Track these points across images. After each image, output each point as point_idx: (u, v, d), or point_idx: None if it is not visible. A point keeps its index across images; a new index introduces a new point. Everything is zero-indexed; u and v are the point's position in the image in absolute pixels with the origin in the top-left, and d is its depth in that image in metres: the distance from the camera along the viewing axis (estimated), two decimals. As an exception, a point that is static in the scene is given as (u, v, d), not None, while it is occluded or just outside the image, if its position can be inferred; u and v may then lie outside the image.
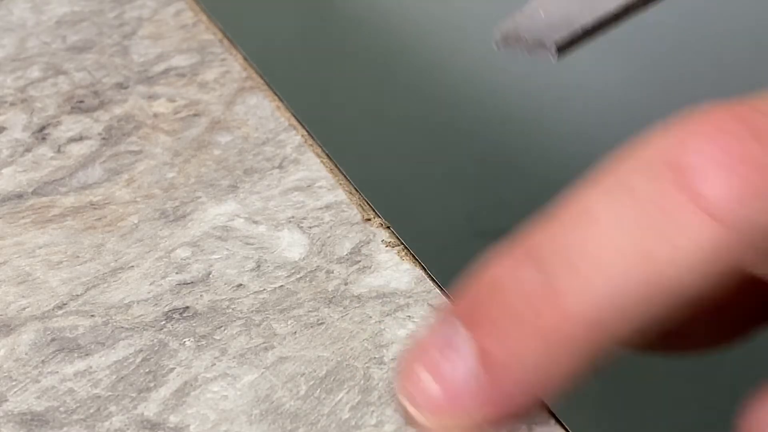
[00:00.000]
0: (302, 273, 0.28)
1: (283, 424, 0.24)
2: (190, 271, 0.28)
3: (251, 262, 0.28)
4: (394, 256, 0.28)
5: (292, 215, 0.30)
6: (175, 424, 0.24)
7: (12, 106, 0.34)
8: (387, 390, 0.25)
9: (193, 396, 0.25)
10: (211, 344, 0.26)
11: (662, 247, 0.18)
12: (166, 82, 0.35)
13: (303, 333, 0.26)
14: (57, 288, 0.27)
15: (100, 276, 0.28)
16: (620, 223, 0.19)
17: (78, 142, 0.32)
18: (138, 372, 0.25)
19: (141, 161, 0.32)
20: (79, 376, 0.25)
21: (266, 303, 0.27)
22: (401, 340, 0.26)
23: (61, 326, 0.26)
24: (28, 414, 0.24)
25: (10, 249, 0.29)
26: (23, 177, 0.31)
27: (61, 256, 0.28)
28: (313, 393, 0.25)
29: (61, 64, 0.36)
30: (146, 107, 0.34)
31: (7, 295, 0.27)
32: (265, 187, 0.30)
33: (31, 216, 0.30)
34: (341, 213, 0.30)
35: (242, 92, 0.34)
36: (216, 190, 0.30)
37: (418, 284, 0.27)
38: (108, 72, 0.35)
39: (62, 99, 0.34)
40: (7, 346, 0.26)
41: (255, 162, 0.31)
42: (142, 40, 0.37)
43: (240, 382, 0.25)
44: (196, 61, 0.35)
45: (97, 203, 0.30)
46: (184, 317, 0.27)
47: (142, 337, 0.26)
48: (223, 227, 0.29)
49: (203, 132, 0.33)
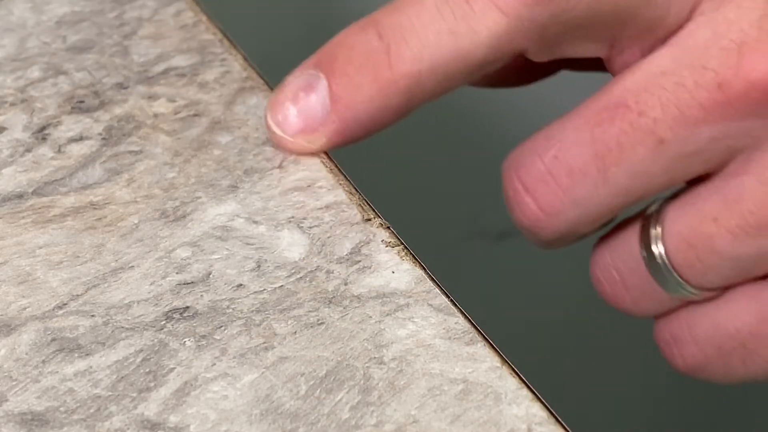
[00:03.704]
0: (302, 273, 0.28)
1: (283, 424, 0.24)
2: (190, 271, 0.28)
3: (251, 262, 0.28)
4: (394, 256, 0.28)
5: (292, 215, 0.30)
6: (175, 424, 0.24)
7: (12, 106, 0.34)
8: (387, 390, 0.25)
9: (193, 396, 0.25)
10: (212, 344, 0.26)
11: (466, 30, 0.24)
12: (166, 82, 0.35)
13: (303, 333, 0.26)
14: (57, 288, 0.27)
15: (101, 276, 0.28)
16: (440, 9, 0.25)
17: (78, 142, 0.32)
18: (138, 372, 0.25)
19: (141, 161, 0.32)
20: (79, 376, 0.25)
21: (266, 303, 0.27)
22: (401, 340, 0.26)
23: (61, 326, 0.26)
24: (28, 414, 0.24)
25: (10, 249, 0.29)
26: (23, 177, 0.31)
27: (62, 256, 0.28)
28: (313, 393, 0.25)
29: (61, 64, 0.36)
30: (146, 107, 0.34)
31: (7, 295, 0.27)
32: (265, 187, 0.30)
33: (32, 216, 0.30)
34: (341, 213, 0.30)
35: (242, 92, 0.34)
36: (216, 190, 0.30)
37: (418, 284, 0.27)
38: (108, 72, 0.35)
39: (62, 99, 0.34)
40: (7, 346, 0.26)
41: (255, 162, 0.31)
42: (142, 40, 0.37)
43: (240, 382, 0.25)
44: (196, 61, 0.35)
45: (98, 203, 0.30)
46: (185, 317, 0.27)
47: (143, 337, 0.26)
48: (223, 227, 0.29)
49: (203, 132, 0.33)
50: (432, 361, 0.25)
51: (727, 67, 0.21)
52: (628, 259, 0.24)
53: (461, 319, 0.26)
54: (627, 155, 0.22)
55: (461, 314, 0.27)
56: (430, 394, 0.25)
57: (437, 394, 0.25)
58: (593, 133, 0.23)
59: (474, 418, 0.24)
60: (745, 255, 0.22)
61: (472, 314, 0.27)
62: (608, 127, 0.22)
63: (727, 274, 0.23)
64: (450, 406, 0.24)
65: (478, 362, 0.25)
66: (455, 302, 0.27)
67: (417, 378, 0.25)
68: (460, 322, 0.26)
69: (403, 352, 0.26)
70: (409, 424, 0.24)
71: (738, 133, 0.22)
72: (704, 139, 0.22)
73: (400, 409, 0.24)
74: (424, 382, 0.25)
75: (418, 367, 0.25)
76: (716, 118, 0.22)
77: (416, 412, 0.24)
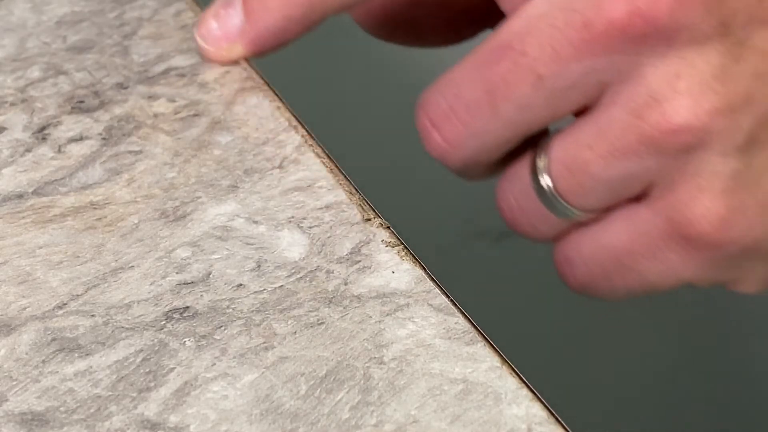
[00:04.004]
0: (302, 273, 0.28)
1: (283, 424, 0.24)
2: (190, 271, 0.28)
3: (251, 262, 0.28)
4: (394, 256, 0.28)
5: (292, 215, 0.30)
6: (175, 424, 0.24)
7: (12, 106, 0.34)
8: (387, 390, 0.25)
9: (193, 396, 0.25)
10: (212, 344, 0.26)
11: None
12: (166, 82, 0.35)
13: (303, 333, 0.26)
14: (57, 288, 0.27)
15: (101, 276, 0.28)
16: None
17: (78, 142, 0.32)
18: (138, 372, 0.25)
19: (141, 161, 0.32)
20: (79, 375, 0.25)
21: (266, 303, 0.27)
22: (401, 340, 0.26)
23: (61, 326, 0.26)
24: (28, 414, 0.24)
25: (10, 249, 0.29)
26: (23, 177, 0.31)
27: (62, 256, 0.28)
28: (313, 393, 0.25)
29: (62, 64, 0.36)
30: (146, 107, 0.34)
31: (7, 295, 0.27)
32: (265, 187, 0.30)
33: (32, 216, 0.30)
34: (341, 213, 0.30)
35: (242, 92, 0.34)
36: (216, 190, 0.30)
37: (418, 284, 0.27)
38: (108, 72, 0.35)
39: (62, 99, 0.34)
40: (7, 346, 0.26)
41: (255, 162, 0.31)
42: (142, 40, 0.37)
43: (240, 382, 0.25)
44: (197, 61, 0.35)
45: (98, 203, 0.30)
46: (185, 317, 0.27)
47: (143, 337, 0.26)
48: (223, 227, 0.29)
49: (203, 132, 0.33)
50: (432, 361, 0.25)
51: (590, 8, 0.24)
52: (522, 187, 0.27)
53: (461, 319, 0.26)
54: (513, 91, 0.25)
55: (461, 314, 0.27)
56: (430, 394, 0.25)
57: (437, 394, 0.25)
58: (484, 73, 0.25)
59: (474, 418, 0.24)
60: (615, 177, 0.25)
61: (472, 314, 0.27)
62: (497, 67, 0.25)
63: (603, 196, 0.25)
64: (450, 406, 0.24)
65: (478, 362, 0.25)
66: (455, 302, 0.27)
67: (417, 378, 0.25)
68: (460, 322, 0.26)
69: (403, 352, 0.26)
70: (409, 424, 0.24)
71: (605, 68, 0.24)
72: (576, 74, 0.24)
73: (400, 409, 0.24)
74: (424, 382, 0.25)
75: (418, 367, 0.25)
76: (584, 54, 0.24)
77: (416, 412, 0.24)
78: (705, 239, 0.24)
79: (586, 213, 0.26)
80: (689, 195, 0.24)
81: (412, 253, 0.28)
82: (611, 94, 0.24)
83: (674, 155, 0.24)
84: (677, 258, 0.25)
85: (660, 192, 0.25)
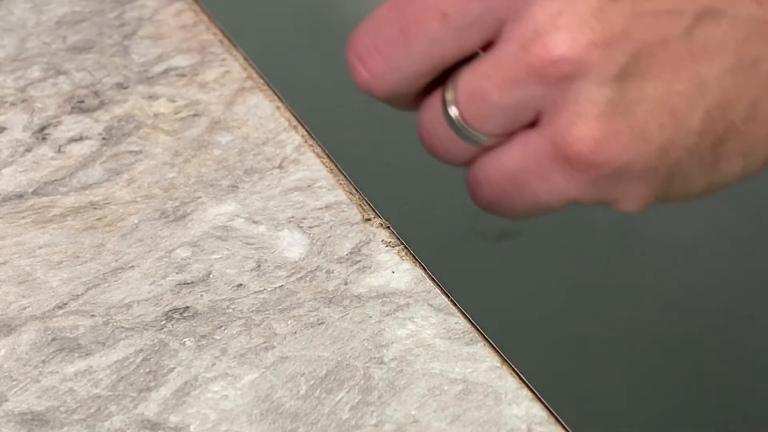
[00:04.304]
0: (302, 273, 0.28)
1: (283, 424, 0.24)
2: (190, 271, 0.28)
3: (251, 262, 0.28)
4: (394, 256, 0.28)
5: (292, 215, 0.30)
6: (175, 424, 0.24)
7: (12, 106, 0.34)
8: (387, 390, 0.25)
9: (193, 396, 0.25)
10: (212, 344, 0.26)
11: None
12: (166, 82, 0.35)
13: (303, 333, 0.26)
14: (57, 288, 0.27)
15: (101, 276, 0.28)
16: None
17: (78, 142, 0.32)
18: (138, 372, 0.25)
19: (141, 161, 0.32)
20: (79, 375, 0.25)
21: (266, 303, 0.27)
22: (401, 340, 0.26)
23: (61, 326, 0.26)
24: (28, 414, 0.24)
25: (10, 249, 0.29)
26: (23, 177, 0.31)
27: (62, 256, 0.28)
28: (313, 393, 0.25)
29: (62, 64, 0.36)
30: (146, 107, 0.34)
31: (7, 295, 0.27)
32: (265, 187, 0.30)
33: (32, 216, 0.30)
34: (341, 213, 0.30)
35: (242, 92, 0.34)
36: (216, 190, 0.30)
37: (418, 284, 0.27)
38: (108, 72, 0.35)
39: (62, 99, 0.34)
40: (7, 346, 0.26)
41: (255, 162, 0.31)
42: (142, 40, 0.37)
43: (240, 381, 0.25)
44: (196, 61, 0.36)
45: (98, 203, 0.30)
46: (185, 317, 0.27)
47: (143, 336, 0.26)
48: (223, 227, 0.29)
49: (203, 132, 0.33)
50: (432, 361, 0.25)
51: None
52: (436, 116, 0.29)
53: (461, 319, 0.26)
54: (422, 28, 0.28)
55: (461, 314, 0.27)
56: (430, 394, 0.25)
57: (437, 394, 0.25)
58: (400, 13, 0.28)
59: (474, 418, 0.24)
60: (510, 104, 0.27)
61: (472, 314, 0.27)
62: (410, 8, 0.28)
63: (501, 121, 0.28)
64: (450, 406, 0.24)
65: (478, 362, 0.25)
66: (455, 302, 0.27)
67: (417, 378, 0.25)
68: (460, 322, 0.26)
69: (403, 352, 0.26)
70: (409, 424, 0.24)
71: (500, 6, 0.27)
72: (477, 12, 0.27)
73: (400, 409, 0.24)
74: (424, 382, 0.25)
75: (418, 367, 0.25)
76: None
77: (416, 412, 0.24)
78: (582, 160, 0.27)
79: (490, 138, 0.28)
80: (569, 120, 0.27)
81: (412, 253, 0.28)
82: (507, 30, 0.27)
83: (556, 84, 0.27)
84: (562, 178, 0.28)
85: (547, 118, 0.28)
